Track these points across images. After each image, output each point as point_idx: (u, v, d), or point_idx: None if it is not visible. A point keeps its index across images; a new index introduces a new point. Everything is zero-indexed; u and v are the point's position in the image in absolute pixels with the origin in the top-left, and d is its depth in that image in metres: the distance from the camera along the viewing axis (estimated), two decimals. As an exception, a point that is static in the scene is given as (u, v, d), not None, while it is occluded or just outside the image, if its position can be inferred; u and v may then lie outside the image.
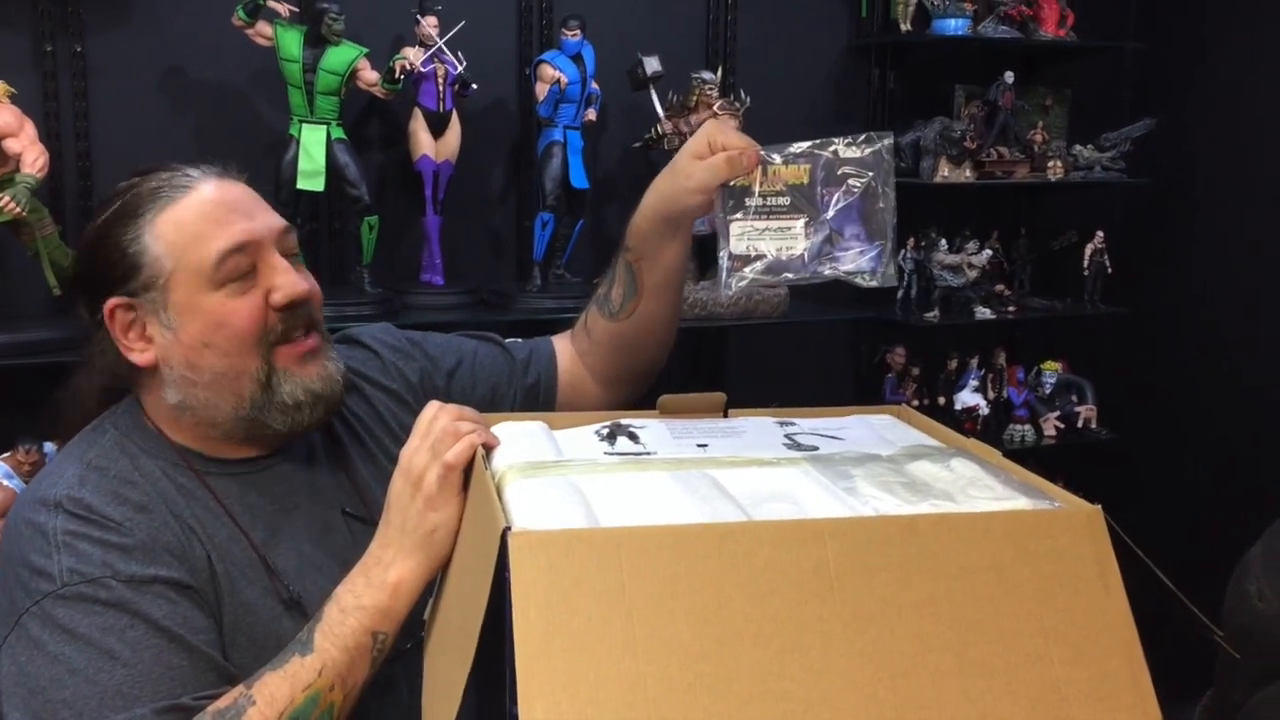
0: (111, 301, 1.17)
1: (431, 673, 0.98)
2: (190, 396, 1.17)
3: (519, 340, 1.49)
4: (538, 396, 1.43)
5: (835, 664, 0.72)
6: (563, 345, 1.48)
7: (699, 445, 0.99)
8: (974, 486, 0.86)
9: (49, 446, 2.04)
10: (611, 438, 1.02)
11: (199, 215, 1.16)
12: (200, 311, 1.15)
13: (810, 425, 1.07)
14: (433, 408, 1.04)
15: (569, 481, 0.86)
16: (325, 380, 1.21)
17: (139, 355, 1.17)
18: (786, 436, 1.02)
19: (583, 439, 1.02)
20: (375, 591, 1.02)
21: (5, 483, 1.95)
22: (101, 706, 0.99)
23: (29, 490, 1.16)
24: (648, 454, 0.97)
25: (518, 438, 1.00)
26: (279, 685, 1.00)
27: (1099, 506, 0.80)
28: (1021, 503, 0.83)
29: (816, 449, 0.98)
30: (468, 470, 0.99)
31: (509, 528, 0.75)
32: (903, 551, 0.76)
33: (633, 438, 1.01)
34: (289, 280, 1.18)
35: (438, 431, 1.01)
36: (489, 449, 0.99)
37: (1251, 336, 2.98)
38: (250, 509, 1.18)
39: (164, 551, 1.09)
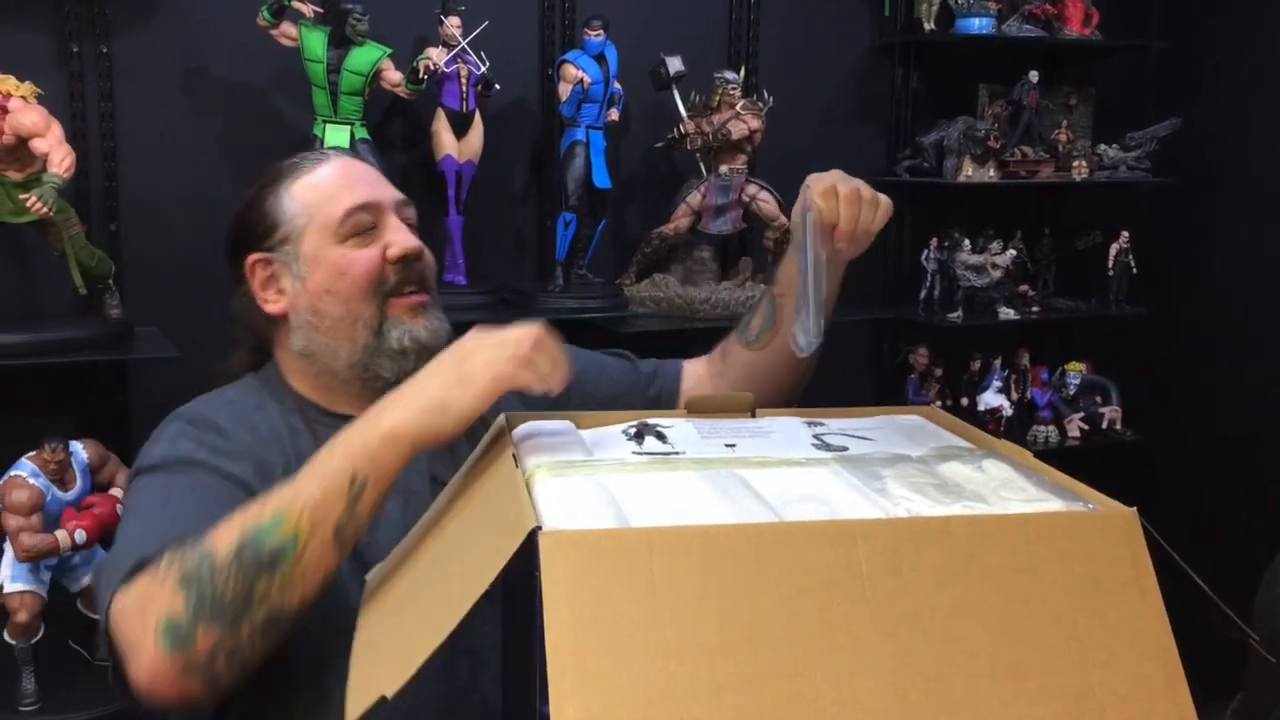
0: (252, 257, 1.33)
1: (375, 630, 0.94)
2: (313, 341, 1.31)
3: (652, 359, 1.56)
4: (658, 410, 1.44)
5: (866, 666, 0.72)
6: (692, 366, 1.54)
7: (727, 445, 0.99)
8: (1006, 488, 0.85)
9: (75, 445, 2.05)
10: (639, 437, 1.01)
11: (330, 180, 1.33)
12: (325, 261, 1.29)
13: (839, 425, 1.07)
14: (534, 329, 1.04)
15: (598, 481, 0.86)
16: (431, 333, 1.31)
17: (272, 305, 1.33)
18: (815, 437, 1.02)
19: (611, 438, 1.02)
20: (365, 430, 1.01)
21: (32, 481, 1.96)
22: (141, 541, 1.08)
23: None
24: (676, 453, 0.96)
25: (546, 436, 1.00)
26: (251, 507, 1.02)
27: (1134, 509, 0.79)
28: (1055, 504, 0.82)
29: (846, 449, 0.97)
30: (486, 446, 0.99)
31: (539, 527, 0.74)
32: (935, 553, 0.75)
33: (660, 437, 1.01)
34: (404, 237, 1.32)
35: (516, 342, 1.01)
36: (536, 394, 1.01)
37: (1276, 336, 2.96)
38: None
39: (254, 464, 1.21)
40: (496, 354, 1.01)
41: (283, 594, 0.99)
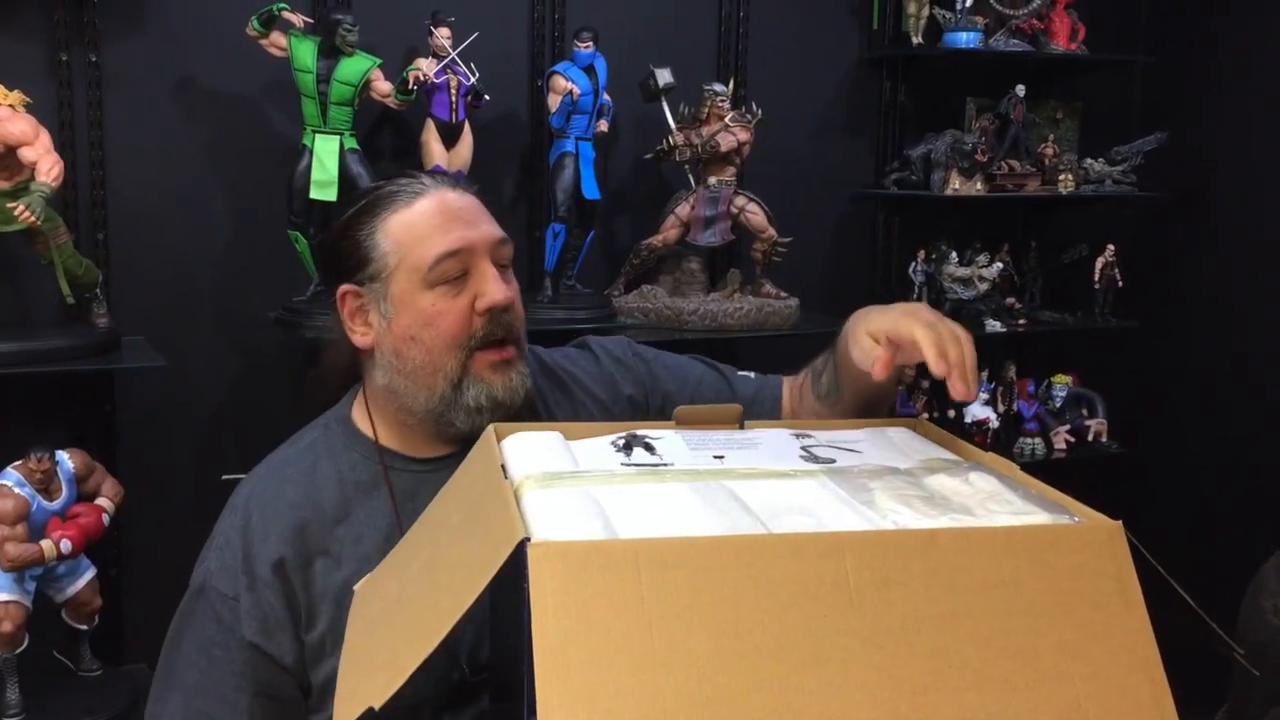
0: (344, 288, 1.30)
1: (364, 640, 0.95)
2: (394, 381, 1.28)
3: (750, 375, 1.51)
4: None
5: (854, 678, 0.72)
6: (788, 392, 1.47)
7: (715, 456, 0.99)
8: (993, 500, 0.86)
9: (61, 454, 2.04)
10: (628, 448, 1.01)
11: (425, 219, 1.28)
12: (413, 307, 1.26)
13: (826, 437, 1.07)
14: None
15: (586, 492, 0.86)
16: (509, 391, 1.28)
17: (359, 338, 1.31)
18: (803, 449, 1.02)
19: (599, 449, 1.02)
20: None
21: (17, 491, 1.95)
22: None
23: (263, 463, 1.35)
24: (664, 465, 0.96)
25: (534, 447, 1.00)
26: None
27: (1119, 522, 0.79)
28: (1041, 517, 0.82)
29: (834, 461, 0.98)
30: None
31: (528, 538, 0.75)
32: (923, 566, 0.75)
33: (649, 449, 1.01)
34: (494, 288, 1.27)
35: None
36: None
37: (1262, 350, 2.98)
38: (416, 508, 1.19)
39: (261, 626, 1.24)
40: None
41: None
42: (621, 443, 1.03)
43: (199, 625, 1.26)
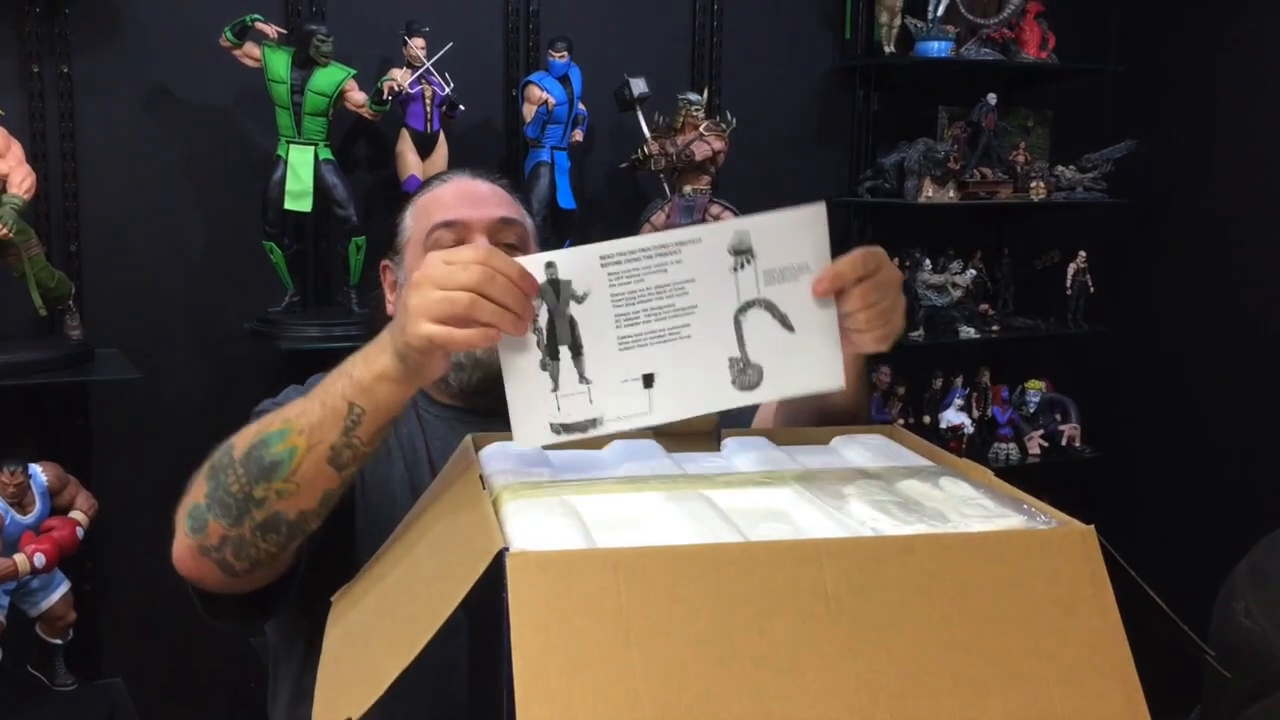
0: (384, 262, 1.46)
1: (342, 651, 0.94)
2: None
3: None
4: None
5: (832, 685, 0.72)
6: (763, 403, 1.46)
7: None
8: (967, 505, 0.87)
9: (34, 468, 2.03)
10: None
11: (438, 198, 1.41)
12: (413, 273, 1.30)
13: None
14: (479, 256, 0.95)
15: (564, 502, 0.87)
16: (489, 352, 1.27)
17: (390, 306, 1.44)
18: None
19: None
20: (364, 368, 1.02)
21: (-10, 505, 1.94)
22: None
23: None
24: (641, 473, 0.97)
25: (513, 457, 1.00)
26: (271, 415, 1.08)
27: (1092, 526, 0.80)
28: (1015, 521, 0.83)
29: (809, 467, 0.98)
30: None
31: (506, 549, 0.75)
32: (899, 572, 0.76)
33: (626, 458, 1.01)
34: None
35: (447, 295, 0.94)
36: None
37: (1231, 354, 3.01)
38: (446, 448, 1.20)
39: None
40: (428, 303, 0.95)
41: (280, 502, 1.05)
42: (599, 452, 1.03)
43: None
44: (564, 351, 0.96)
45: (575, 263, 0.94)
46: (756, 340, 0.98)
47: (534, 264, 0.95)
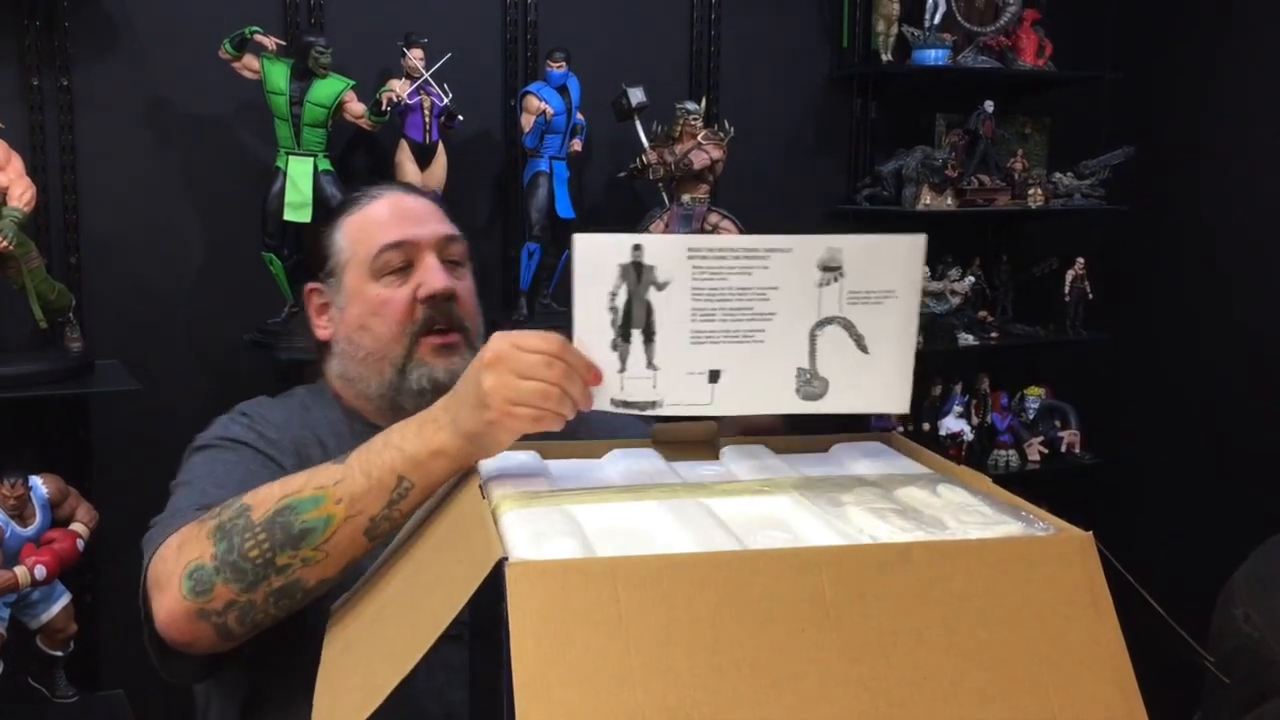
0: (309, 285, 1.44)
1: (340, 660, 0.95)
2: (349, 369, 1.39)
3: None
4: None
5: (832, 693, 0.73)
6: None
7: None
8: (965, 512, 0.87)
9: (34, 480, 2.03)
10: (604, 468, 1.02)
11: (375, 217, 1.40)
12: (362, 297, 1.37)
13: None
14: (552, 347, 0.95)
15: (563, 511, 0.87)
16: (450, 374, 1.32)
17: (321, 331, 1.43)
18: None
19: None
20: (418, 443, 1.01)
21: (-10, 517, 1.94)
22: (188, 504, 1.17)
23: None
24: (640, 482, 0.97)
25: (512, 466, 1.00)
26: (296, 478, 1.06)
27: (1090, 533, 0.81)
28: (1013, 528, 0.84)
29: (808, 475, 0.99)
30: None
31: (506, 558, 0.75)
32: (898, 579, 0.76)
33: (625, 467, 1.02)
34: (434, 277, 1.36)
35: (534, 387, 0.94)
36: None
37: (1231, 360, 3.01)
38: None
39: (298, 458, 1.27)
40: (515, 393, 0.95)
41: (304, 569, 1.02)
42: (598, 461, 1.03)
43: (202, 458, 1.28)
44: (636, 335, 0.97)
45: (663, 250, 0.95)
46: (828, 355, 0.99)
47: (621, 244, 0.95)
